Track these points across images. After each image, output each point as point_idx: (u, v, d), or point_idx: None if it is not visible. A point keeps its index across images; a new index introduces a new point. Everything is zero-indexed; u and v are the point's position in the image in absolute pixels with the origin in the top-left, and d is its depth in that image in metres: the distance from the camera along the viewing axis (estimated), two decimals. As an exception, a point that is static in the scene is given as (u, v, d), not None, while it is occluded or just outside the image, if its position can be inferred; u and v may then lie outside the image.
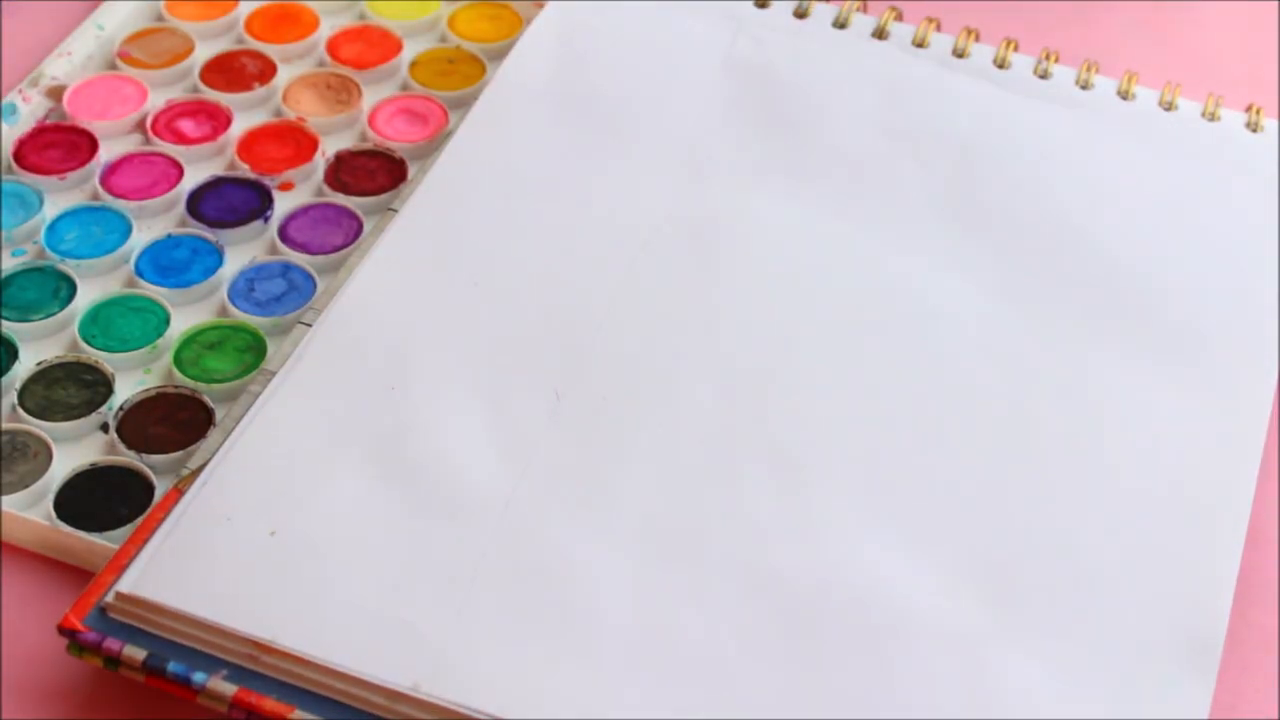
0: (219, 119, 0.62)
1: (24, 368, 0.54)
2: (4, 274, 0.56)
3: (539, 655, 0.44)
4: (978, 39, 0.62)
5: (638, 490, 0.48)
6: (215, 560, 0.46)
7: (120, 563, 0.46)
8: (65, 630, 0.45)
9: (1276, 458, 0.53)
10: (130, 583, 0.45)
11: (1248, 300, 0.54)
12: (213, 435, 0.49)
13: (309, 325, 0.52)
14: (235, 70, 0.64)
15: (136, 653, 0.44)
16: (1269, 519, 0.52)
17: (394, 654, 0.44)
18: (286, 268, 0.57)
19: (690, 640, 0.45)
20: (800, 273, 0.55)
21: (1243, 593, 0.49)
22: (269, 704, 0.43)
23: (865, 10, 0.64)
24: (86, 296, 0.56)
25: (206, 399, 0.53)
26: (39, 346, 0.55)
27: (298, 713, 0.43)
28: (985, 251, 0.56)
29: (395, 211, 0.56)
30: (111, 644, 0.44)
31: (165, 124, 0.62)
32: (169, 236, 0.58)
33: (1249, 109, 0.60)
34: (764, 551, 0.47)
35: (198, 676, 0.44)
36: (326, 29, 0.66)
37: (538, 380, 0.51)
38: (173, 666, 0.44)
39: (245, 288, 0.57)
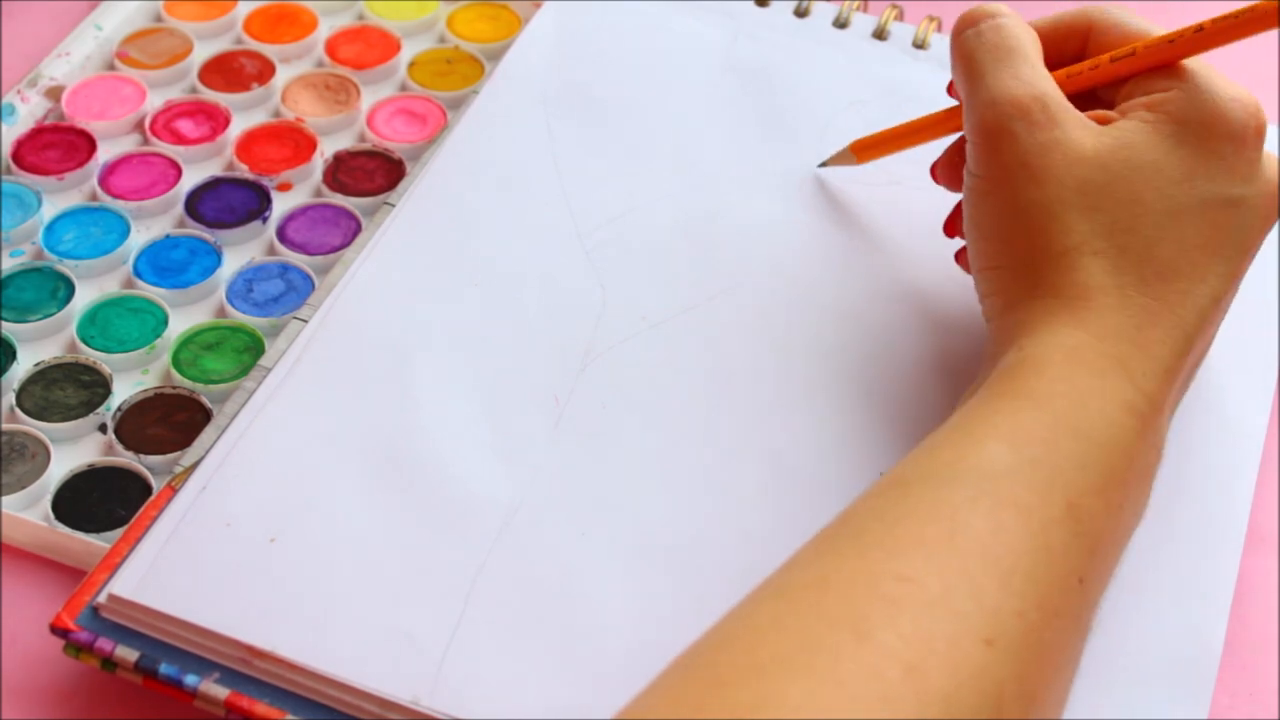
0: (217, 119, 0.62)
1: (22, 368, 0.54)
2: (2, 274, 0.56)
3: (539, 668, 0.44)
4: (978, 39, 0.62)
5: (638, 500, 0.48)
6: (215, 567, 0.46)
7: (112, 561, 0.46)
8: (57, 630, 0.45)
9: (1276, 459, 0.52)
10: (130, 588, 0.45)
11: (1247, 302, 0.54)
12: (206, 432, 0.49)
13: (304, 321, 0.52)
14: (234, 70, 0.64)
15: (129, 654, 0.44)
16: (1269, 520, 0.52)
17: (394, 667, 0.44)
18: (285, 268, 0.57)
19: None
20: (801, 272, 0.55)
21: (1242, 594, 0.48)
22: (261, 708, 0.43)
23: (866, 10, 0.64)
24: (85, 297, 0.56)
25: (204, 400, 0.53)
26: (37, 347, 0.55)
27: (289, 718, 0.43)
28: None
29: (392, 206, 0.56)
30: (104, 644, 0.44)
31: (164, 124, 0.62)
32: (167, 237, 0.58)
33: (1248, 109, 0.60)
34: (765, 560, 0.46)
35: (190, 679, 0.44)
36: (325, 29, 0.66)
37: (538, 385, 0.51)
38: (164, 668, 0.44)
39: (243, 288, 0.57)
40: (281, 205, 0.59)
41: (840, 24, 0.63)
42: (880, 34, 0.63)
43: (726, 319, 0.53)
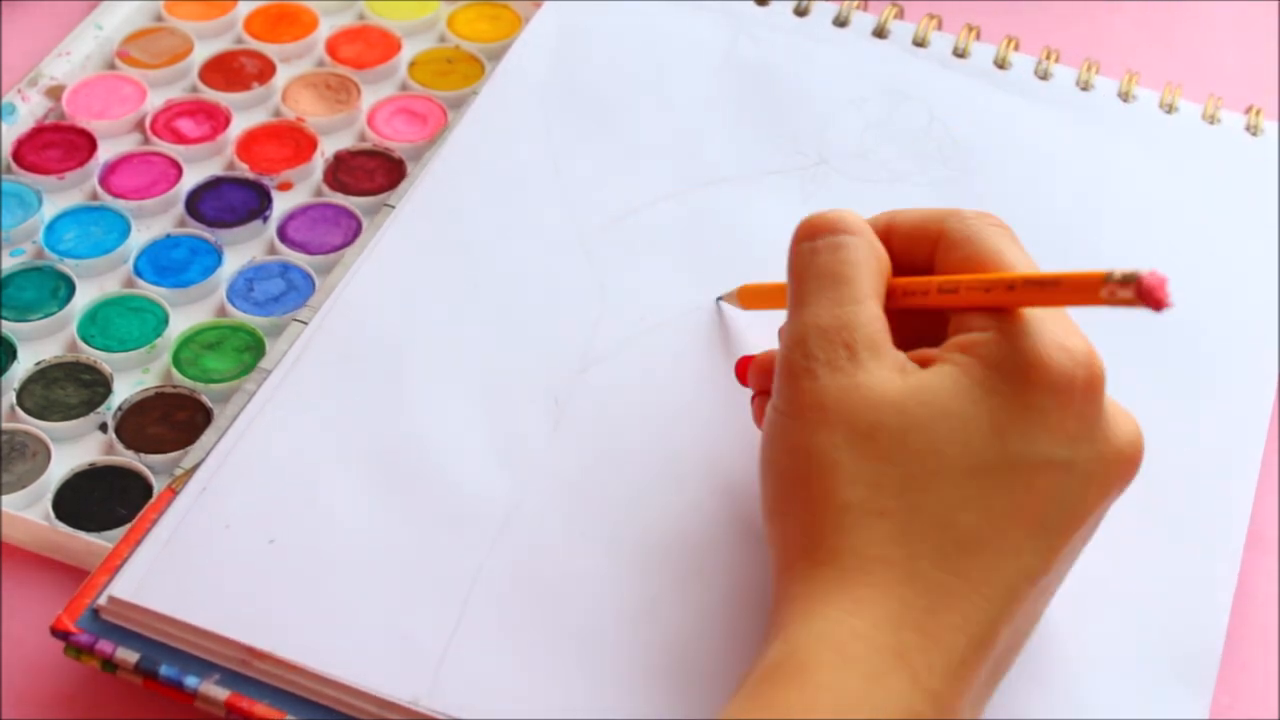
0: (218, 119, 0.62)
1: (23, 367, 0.54)
2: (3, 274, 0.56)
3: (537, 669, 0.44)
4: (978, 37, 0.62)
5: (637, 501, 0.48)
6: (214, 569, 0.46)
7: (113, 564, 0.46)
8: (58, 632, 0.45)
9: (1277, 461, 0.52)
10: (130, 590, 0.45)
11: (1247, 303, 0.54)
12: (207, 434, 0.49)
13: (304, 323, 0.52)
14: (234, 70, 0.64)
15: (129, 655, 0.44)
16: (1269, 521, 0.52)
17: (393, 667, 0.44)
18: (285, 267, 0.57)
19: (692, 655, 0.45)
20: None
21: (1242, 593, 0.48)
22: (260, 709, 0.43)
23: (865, 8, 0.64)
24: (85, 296, 0.56)
25: (205, 399, 0.53)
26: (38, 346, 0.55)
27: (289, 719, 0.43)
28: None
29: (392, 208, 0.56)
30: (104, 646, 0.45)
31: (164, 124, 0.62)
32: (168, 236, 0.58)
33: (1249, 111, 0.60)
34: (764, 560, 0.46)
35: (190, 680, 0.44)
36: (326, 29, 0.66)
37: (537, 386, 0.51)
38: (165, 670, 0.44)
39: (244, 288, 0.57)
40: (282, 204, 0.59)
41: (840, 22, 0.63)
42: (880, 32, 0.63)
43: (727, 319, 0.53)
